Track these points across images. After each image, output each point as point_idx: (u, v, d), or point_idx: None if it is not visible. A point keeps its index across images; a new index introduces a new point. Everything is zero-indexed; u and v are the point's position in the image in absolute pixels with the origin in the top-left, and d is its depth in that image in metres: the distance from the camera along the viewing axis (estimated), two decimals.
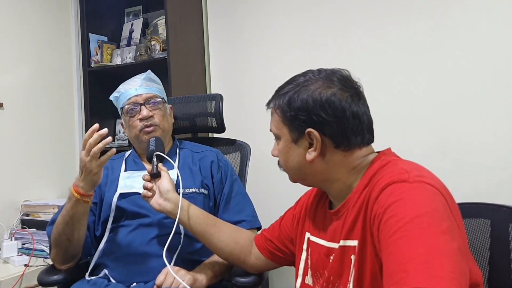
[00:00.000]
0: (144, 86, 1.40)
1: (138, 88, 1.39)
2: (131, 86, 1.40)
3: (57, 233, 1.20)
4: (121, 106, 1.40)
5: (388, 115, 1.83)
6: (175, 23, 2.13)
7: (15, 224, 2.08)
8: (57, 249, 1.23)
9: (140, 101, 1.37)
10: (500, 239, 0.93)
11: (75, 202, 1.15)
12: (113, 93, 1.45)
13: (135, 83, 1.41)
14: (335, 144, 0.84)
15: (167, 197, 1.12)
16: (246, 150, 1.62)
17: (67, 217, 1.17)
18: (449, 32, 1.75)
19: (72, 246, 1.22)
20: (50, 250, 1.27)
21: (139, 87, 1.39)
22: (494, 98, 1.67)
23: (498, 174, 1.65)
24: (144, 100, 1.38)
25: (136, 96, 1.38)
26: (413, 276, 0.62)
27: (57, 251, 1.24)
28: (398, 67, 1.85)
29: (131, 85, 1.41)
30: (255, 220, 1.37)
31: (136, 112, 1.37)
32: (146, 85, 1.41)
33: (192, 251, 1.28)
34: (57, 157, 2.38)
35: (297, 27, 2.08)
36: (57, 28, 2.43)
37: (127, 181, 1.35)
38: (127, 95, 1.39)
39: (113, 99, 1.45)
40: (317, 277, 0.91)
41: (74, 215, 1.17)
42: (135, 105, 1.37)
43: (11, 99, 2.14)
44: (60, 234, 1.20)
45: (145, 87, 1.40)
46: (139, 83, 1.40)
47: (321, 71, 0.88)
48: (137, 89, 1.39)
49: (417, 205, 0.69)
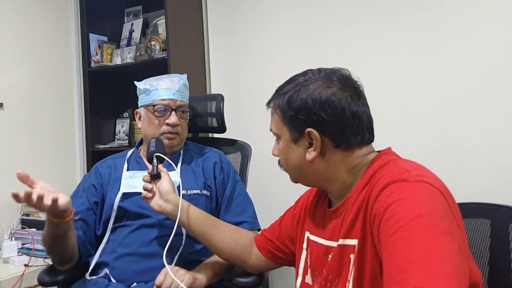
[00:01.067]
0: (181, 92, 1.39)
1: (176, 93, 1.37)
2: (168, 86, 1.37)
3: (47, 247, 1.18)
4: (151, 102, 1.36)
5: (388, 114, 1.83)
6: (175, 23, 2.13)
7: (15, 224, 2.08)
8: (52, 256, 1.23)
9: (173, 106, 1.36)
10: (500, 239, 0.93)
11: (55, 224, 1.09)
12: (144, 81, 1.41)
13: (173, 85, 1.38)
14: (335, 143, 0.84)
15: (167, 198, 1.12)
16: (247, 150, 1.62)
17: (52, 235, 1.13)
18: (450, 32, 1.74)
19: (66, 253, 1.21)
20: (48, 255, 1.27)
21: (177, 92, 1.37)
22: (494, 98, 1.67)
23: (498, 174, 1.65)
24: (177, 107, 1.37)
25: (172, 100, 1.36)
26: (413, 276, 0.62)
27: (52, 256, 1.23)
28: (398, 66, 1.85)
29: (168, 85, 1.38)
30: (256, 222, 1.37)
31: (164, 114, 1.36)
32: (182, 91, 1.40)
33: (193, 252, 1.28)
34: (57, 157, 2.38)
35: (298, 27, 2.08)
36: (57, 28, 2.43)
37: (129, 181, 1.35)
38: (163, 94, 1.36)
39: (142, 88, 1.40)
40: (316, 276, 0.91)
41: (59, 234, 1.13)
42: (168, 108, 1.36)
43: (11, 99, 2.14)
44: (50, 247, 1.18)
45: (181, 94, 1.39)
46: (177, 87, 1.38)
47: (320, 70, 0.88)
48: (174, 93, 1.37)
49: (418, 205, 0.69)
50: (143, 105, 1.40)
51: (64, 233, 1.14)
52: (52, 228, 1.11)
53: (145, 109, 1.40)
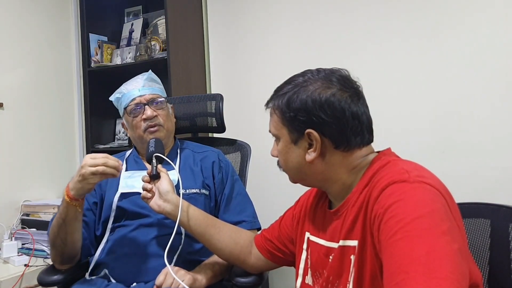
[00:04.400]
0: (147, 87, 1.40)
1: (141, 89, 1.38)
2: (133, 86, 1.40)
3: (53, 235, 1.20)
4: (124, 107, 1.39)
5: (388, 115, 1.83)
6: (175, 23, 2.13)
7: (15, 224, 2.08)
8: (55, 251, 1.23)
9: (143, 102, 1.37)
10: (500, 239, 0.93)
11: (66, 204, 1.14)
12: (113, 93, 1.44)
13: (137, 83, 1.40)
14: (335, 144, 0.83)
15: (166, 198, 1.12)
16: (246, 150, 1.62)
17: (60, 219, 1.16)
18: (450, 32, 1.74)
19: (67, 249, 1.21)
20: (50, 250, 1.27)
21: (142, 88, 1.39)
22: (494, 98, 1.66)
23: (498, 174, 1.65)
24: (147, 101, 1.37)
25: (140, 96, 1.37)
26: (414, 278, 0.62)
27: (55, 252, 1.24)
28: (398, 67, 1.85)
29: (133, 85, 1.40)
30: (255, 221, 1.37)
31: (139, 112, 1.36)
32: (148, 85, 1.41)
33: (192, 252, 1.28)
34: (57, 157, 2.38)
35: (298, 27, 2.08)
36: (57, 28, 2.43)
37: (128, 181, 1.35)
38: (130, 95, 1.38)
39: (114, 99, 1.44)
40: (316, 276, 0.91)
41: (66, 217, 1.15)
42: (139, 105, 1.37)
43: (11, 99, 2.14)
44: (55, 235, 1.19)
45: (148, 88, 1.40)
46: (141, 84, 1.40)
47: (320, 71, 0.87)
48: (140, 89, 1.38)
49: (418, 206, 0.69)
50: (122, 114, 1.43)
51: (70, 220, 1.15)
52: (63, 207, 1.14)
53: (124, 117, 1.42)
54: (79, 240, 1.23)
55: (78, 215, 1.17)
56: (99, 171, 1.09)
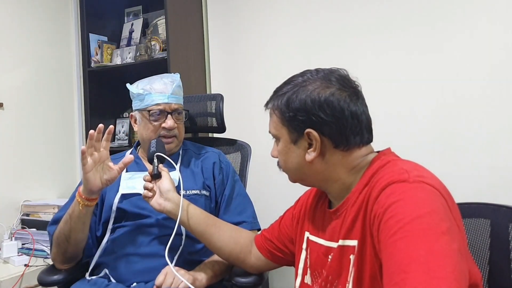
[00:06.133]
0: (175, 95, 1.37)
1: (170, 96, 1.35)
2: (162, 89, 1.35)
3: (58, 231, 1.21)
4: (146, 107, 1.35)
5: (388, 115, 1.83)
6: (175, 23, 2.13)
7: (15, 224, 2.08)
8: (57, 249, 1.24)
9: (168, 110, 1.35)
10: (500, 239, 0.93)
11: (75, 202, 1.16)
12: (136, 84, 1.39)
13: (166, 88, 1.36)
14: (334, 144, 0.84)
15: (167, 197, 1.12)
16: (247, 150, 1.62)
17: (67, 215, 1.19)
18: (449, 32, 1.74)
19: (70, 248, 1.22)
20: (51, 249, 1.27)
21: (171, 95, 1.35)
22: (494, 98, 1.66)
23: (498, 174, 1.64)
24: (172, 110, 1.36)
25: (167, 104, 1.35)
26: (414, 278, 0.62)
27: (57, 251, 1.24)
28: (398, 66, 1.85)
29: (161, 88, 1.35)
30: (255, 222, 1.37)
31: (161, 119, 1.34)
32: (176, 93, 1.38)
33: (193, 252, 1.28)
34: (57, 157, 2.38)
35: (298, 27, 2.08)
36: (57, 28, 2.43)
37: (128, 182, 1.35)
38: (157, 99, 1.34)
39: (135, 92, 1.37)
40: (315, 276, 0.91)
41: (72, 214, 1.17)
42: (163, 112, 1.34)
43: (11, 99, 2.14)
44: (60, 231, 1.20)
45: (175, 96, 1.37)
46: (171, 90, 1.36)
47: (319, 71, 0.88)
48: (169, 96, 1.35)
49: (417, 206, 0.69)
50: (138, 109, 1.39)
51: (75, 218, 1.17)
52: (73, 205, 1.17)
53: (139, 113, 1.38)
54: (82, 240, 1.23)
55: (82, 215, 1.17)
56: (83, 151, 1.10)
